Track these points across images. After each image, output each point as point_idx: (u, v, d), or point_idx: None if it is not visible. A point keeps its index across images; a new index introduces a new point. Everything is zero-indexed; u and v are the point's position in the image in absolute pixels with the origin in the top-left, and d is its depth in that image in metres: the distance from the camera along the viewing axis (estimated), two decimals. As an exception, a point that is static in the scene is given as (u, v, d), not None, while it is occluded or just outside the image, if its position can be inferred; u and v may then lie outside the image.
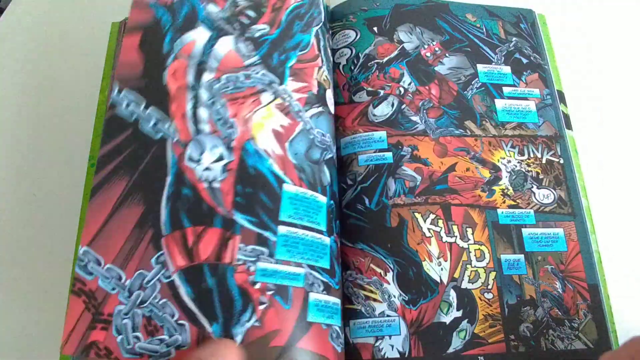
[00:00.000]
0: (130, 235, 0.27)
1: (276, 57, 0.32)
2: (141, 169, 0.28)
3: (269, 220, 0.28)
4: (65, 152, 0.39)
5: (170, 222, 0.27)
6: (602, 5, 0.47)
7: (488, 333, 0.33)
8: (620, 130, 0.41)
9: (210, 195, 0.28)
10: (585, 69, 0.44)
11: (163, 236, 0.27)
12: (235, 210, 0.28)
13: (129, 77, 0.29)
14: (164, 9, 0.31)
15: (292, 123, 0.31)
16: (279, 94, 0.31)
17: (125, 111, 0.29)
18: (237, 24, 0.32)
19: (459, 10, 0.43)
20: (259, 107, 0.30)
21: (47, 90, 0.42)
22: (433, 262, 0.34)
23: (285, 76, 0.32)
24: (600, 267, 0.35)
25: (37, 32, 0.44)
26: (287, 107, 0.31)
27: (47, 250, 0.36)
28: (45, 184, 0.38)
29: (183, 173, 0.28)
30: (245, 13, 0.32)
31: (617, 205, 0.38)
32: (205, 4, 0.32)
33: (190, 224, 0.27)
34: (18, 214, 0.37)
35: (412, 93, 0.39)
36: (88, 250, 0.27)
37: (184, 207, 0.28)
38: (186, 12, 0.31)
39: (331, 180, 0.33)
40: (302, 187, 0.30)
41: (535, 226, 0.36)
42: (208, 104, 0.29)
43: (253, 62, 0.31)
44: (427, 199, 0.36)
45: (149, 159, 0.28)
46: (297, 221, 0.29)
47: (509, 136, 0.38)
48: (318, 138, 0.32)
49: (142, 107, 0.29)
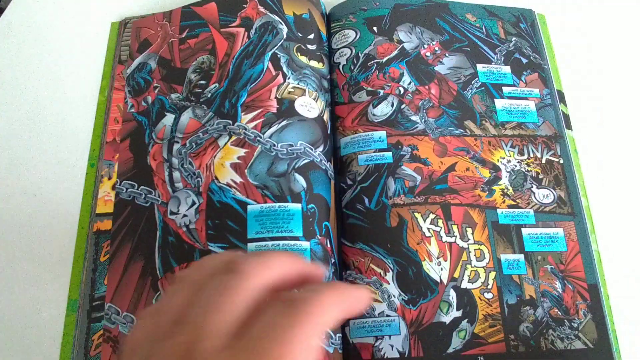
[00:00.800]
0: (137, 286, 0.34)
1: (227, 103, 0.38)
2: (139, 233, 0.35)
3: (237, 241, 0.34)
4: (65, 152, 0.39)
5: (162, 267, 0.34)
6: (602, 5, 0.47)
7: (488, 333, 0.33)
8: (620, 130, 0.41)
9: (189, 236, 0.35)
10: (585, 69, 0.43)
11: (159, 279, 0.34)
12: (209, 241, 0.34)
13: (125, 171, 0.37)
14: (142, 115, 0.39)
15: (250, 151, 0.36)
16: (234, 131, 0.37)
17: (125, 194, 0.37)
18: (193, 96, 0.39)
19: (459, 10, 0.43)
20: (217, 152, 0.37)
21: (47, 90, 0.42)
22: (433, 262, 0.34)
23: (238, 114, 0.38)
24: (600, 267, 0.35)
25: (37, 32, 0.44)
26: (242, 140, 0.37)
27: (47, 250, 0.36)
28: (45, 184, 0.38)
29: (168, 225, 0.35)
30: (198, 84, 0.39)
31: (617, 205, 0.38)
32: (169, 95, 0.39)
33: (176, 263, 0.34)
34: (18, 214, 0.37)
35: (411, 93, 0.39)
36: (111, 305, 0.33)
37: (171, 251, 0.34)
38: (157, 109, 0.39)
39: (310, 185, 0.35)
40: (267, 202, 0.34)
41: (535, 226, 0.36)
42: (179, 167, 0.37)
43: (208, 118, 0.38)
44: (427, 198, 0.36)
45: (143, 223, 0.35)
46: (266, 235, 0.34)
47: (509, 136, 0.38)
48: (283, 151, 0.36)
49: (135, 188, 0.37)
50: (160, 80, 0.40)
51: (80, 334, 0.33)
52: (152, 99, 0.39)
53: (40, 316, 0.34)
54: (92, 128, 0.40)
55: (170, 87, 0.40)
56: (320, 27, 0.42)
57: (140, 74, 0.41)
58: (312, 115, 0.37)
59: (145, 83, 0.40)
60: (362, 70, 0.40)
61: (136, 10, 0.45)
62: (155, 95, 0.39)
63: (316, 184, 0.35)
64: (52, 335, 0.33)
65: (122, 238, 0.35)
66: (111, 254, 0.35)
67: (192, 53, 0.41)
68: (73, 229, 0.36)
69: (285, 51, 0.40)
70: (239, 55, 0.40)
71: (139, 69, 0.41)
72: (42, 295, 0.35)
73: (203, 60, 0.40)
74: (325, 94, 0.39)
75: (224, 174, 0.36)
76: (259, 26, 0.41)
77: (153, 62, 0.41)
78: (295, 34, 0.40)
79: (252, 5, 0.42)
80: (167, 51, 0.41)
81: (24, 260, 0.36)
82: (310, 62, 0.40)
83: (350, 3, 0.43)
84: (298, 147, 0.36)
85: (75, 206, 0.37)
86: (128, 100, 0.40)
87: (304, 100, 0.38)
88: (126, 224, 0.36)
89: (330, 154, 0.37)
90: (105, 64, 0.42)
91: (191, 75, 0.40)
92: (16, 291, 0.35)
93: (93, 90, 0.42)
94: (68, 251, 0.36)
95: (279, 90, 0.38)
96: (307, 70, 0.39)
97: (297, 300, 0.20)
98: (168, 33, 0.42)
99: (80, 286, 0.34)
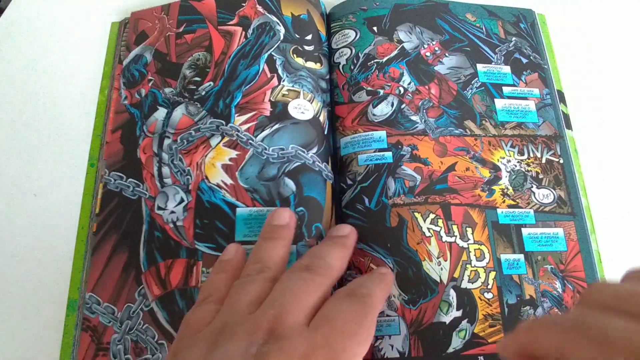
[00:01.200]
0: (119, 277, 0.34)
1: (221, 103, 0.38)
2: (125, 225, 0.35)
3: (225, 243, 0.34)
4: (65, 152, 0.39)
5: (147, 261, 0.34)
6: (603, 5, 0.47)
7: (488, 333, 0.33)
8: (620, 131, 0.41)
9: (176, 233, 0.34)
10: (586, 69, 0.43)
11: (143, 273, 0.34)
12: (197, 240, 0.34)
13: (114, 162, 0.37)
14: (134, 107, 0.39)
15: (241, 153, 0.36)
16: (226, 132, 0.37)
17: (113, 185, 0.36)
18: (186, 92, 0.39)
19: (459, 9, 0.43)
20: (209, 151, 0.36)
21: (47, 90, 0.42)
22: (433, 262, 0.34)
23: (232, 115, 0.37)
24: (600, 267, 0.35)
25: (37, 31, 0.44)
26: (235, 142, 0.37)
27: (47, 250, 0.36)
28: (45, 184, 0.38)
29: (154, 220, 0.35)
30: (192, 81, 0.39)
31: (617, 205, 0.38)
32: (162, 89, 0.39)
33: (162, 259, 0.34)
34: (18, 214, 0.37)
35: (411, 93, 0.39)
36: (92, 294, 0.33)
37: (157, 247, 0.34)
38: (149, 102, 0.39)
39: (300, 188, 0.35)
40: (255, 206, 0.35)
41: (535, 226, 0.36)
42: (168, 162, 0.36)
43: (201, 117, 0.38)
44: (427, 198, 0.36)
45: (129, 216, 0.35)
46: (253, 238, 0.34)
47: (509, 136, 0.38)
48: (274, 155, 0.36)
49: (124, 180, 0.36)
50: (154, 74, 0.40)
51: (80, 334, 0.33)
52: (145, 92, 0.39)
53: (40, 316, 0.34)
54: (92, 128, 0.40)
55: (165, 81, 0.39)
56: (319, 27, 0.42)
57: (135, 66, 0.40)
58: (306, 117, 0.37)
59: (140, 75, 0.40)
60: (362, 70, 0.40)
61: (137, 10, 0.45)
62: (149, 88, 0.39)
63: (307, 186, 0.35)
64: (53, 335, 0.33)
65: (108, 229, 0.35)
66: (95, 244, 0.35)
67: (189, 48, 0.41)
68: (73, 229, 0.36)
69: (282, 53, 0.40)
70: (235, 55, 0.40)
71: (135, 61, 0.41)
72: (42, 295, 0.35)
73: (199, 56, 0.40)
74: (323, 95, 0.39)
75: (214, 174, 0.36)
76: (256, 26, 0.41)
77: (149, 54, 0.41)
78: (292, 35, 0.40)
79: (250, 4, 0.42)
80: (163, 45, 0.41)
81: (24, 260, 0.36)
82: (307, 64, 0.40)
83: (350, 3, 0.43)
84: (289, 151, 0.36)
85: (75, 206, 0.37)
86: (122, 91, 0.40)
87: (298, 102, 0.38)
88: (112, 215, 0.35)
89: (327, 154, 0.37)
90: (105, 63, 0.42)
91: (186, 71, 0.40)
92: (16, 291, 0.35)
93: (93, 90, 0.42)
94: (68, 251, 0.36)
95: (273, 93, 0.38)
96: (303, 72, 0.39)
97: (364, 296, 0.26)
98: (165, 26, 0.42)
99: (80, 286, 0.34)
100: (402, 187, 0.36)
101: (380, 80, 0.39)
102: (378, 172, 0.36)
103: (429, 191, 0.36)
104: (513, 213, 0.36)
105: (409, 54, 0.41)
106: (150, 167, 0.36)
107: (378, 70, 0.40)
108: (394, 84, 0.39)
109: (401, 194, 0.36)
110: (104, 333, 0.32)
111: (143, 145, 0.37)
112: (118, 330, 0.32)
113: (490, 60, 0.41)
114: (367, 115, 0.38)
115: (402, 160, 0.37)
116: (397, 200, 0.35)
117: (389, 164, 0.36)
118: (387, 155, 0.37)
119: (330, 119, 0.39)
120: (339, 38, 0.42)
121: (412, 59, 0.41)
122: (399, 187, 0.36)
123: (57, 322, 0.34)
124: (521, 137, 0.39)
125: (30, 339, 0.34)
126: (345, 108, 0.39)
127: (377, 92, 0.39)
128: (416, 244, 0.34)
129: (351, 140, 0.38)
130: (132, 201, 0.36)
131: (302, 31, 0.41)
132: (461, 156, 0.37)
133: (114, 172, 0.37)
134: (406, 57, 0.40)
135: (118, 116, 0.39)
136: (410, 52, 0.41)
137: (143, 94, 0.39)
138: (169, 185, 0.36)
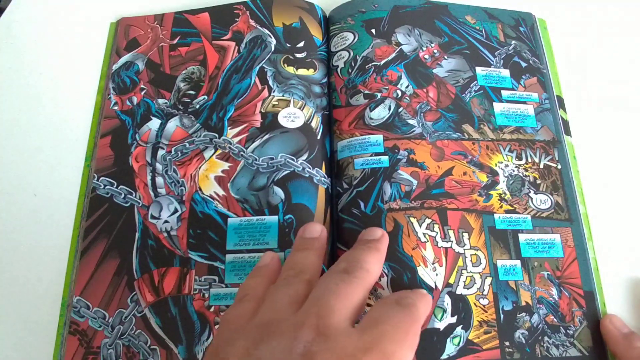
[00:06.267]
0: (110, 283, 0.34)
1: (215, 116, 0.38)
2: (116, 232, 0.35)
3: (217, 252, 0.34)
4: (64, 152, 0.39)
5: (140, 268, 0.34)
6: (604, 12, 0.46)
7: (483, 339, 0.32)
8: (619, 138, 0.41)
9: (169, 242, 0.35)
10: (586, 76, 0.43)
11: (135, 280, 0.34)
12: (190, 249, 0.35)
13: (104, 167, 0.38)
14: (126, 115, 0.39)
15: (233, 165, 0.37)
16: (219, 145, 0.38)
17: (103, 191, 0.37)
18: (181, 105, 0.39)
19: (458, 12, 0.43)
20: (202, 163, 0.37)
21: (47, 90, 0.42)
22: (428, 268, 0.34)
23: (225, 128, 0.38)
24: (597, 274, 0.35)
25: (36, 32, 0.44)
26: (227, 154, 0.37)
27: (47, 249, 0.36)
28: (45, 184, 0.38)
29: (147, 229, 0.35)
30: (187, 94, 0.39)
31: (615, 212, 0.38)
32: (156, 100, 0.39)
33: (155, 267, 0.34)
34: (18, 214, 0.37)
35: (409, 96, 0.39)
36: (80, 298, 0.34)
37: (150, 255, 0.35)
38: (142, 111, 0.39)
39: (289, 196, 0.36)
40: (246, 216, 0.35)
41: (532, 232, 0.35)
42: (162, 173, 0.37)
43: (195, 130, 0.38)
44: (423, 203, 0.35)
45: (121, 223, 0.36)
46: (243, 247, 0.34)
47: (507, 140, 0.38)
48: (263, 165, 0.36)
49: (115, 186, 0.37)
50: (147, 83, 0.40)
51: (67, 336, 0.33)
52: (137, 100, 0.40)
53: (39, 316, 0.34)
54: (89, 129, 0.40)
55: (158, 92, 0.40)
56: (313, 32, 0.41)
57: (126, 73, 0.41)
58: (296, 125, 0.38)
59: (132, 83, 0.40)
60: (360, 73, 0.40)
61: (135, 12, 0.45)
62: (141, 96, 0.40)
63: (296, 194, 0.35)
64: (48, 334, 0.34)
65: (97, 234, 0.35)
66: (84, 248, 0.35)
67: (183, 61, 0.41)
68: (69, 228, 0.37)
69: (272, 64, 0.40)
70: (228, 69, 0.40)
71: (126, 68, 0.41)
72: (42, 295, 0.35)
73: (193, 70, 0.40)
74: (316, 99, 0.39)
75: (207, 186, 0.36)
76: (248, 40, 0.41)
77: (141, 62, 0.41)
78: (283, 45, 0.41)
79: (243, 19, 0.42)
80: (156, 55, 0.41)
81: (23, 260, 0.36)
82: (299, 71, 0.40)
83: (349, 5, 0.43)
84: (278, 160, 0.37)
85: (73, 206, 0.37)
86: (112, 97, 0.40)
87: (288, 111, 0.38)
88: (102, 220, 0.36)
89: (321, 159, 0.37)
90: (103, 64, 0.42)
91: (180, 83, 0.40)
92: (15, 290, 0.35)
93: (91, 90, 0.42)
94: (64, 250, 0.36)
95: (264, 105, 0.38)
96: (294, 80, 0.39)
97: (410, 306, 0.26)
98: (158, 37, 0.42)
99: (70, 286, 0.34)
100: (399, 191, 0.36)
101: (377, 84, 0.39)
102: (374, 176, 0.36)
103: (425, 196, 0.36)
104: (510, 218, 0.36)
105: (407, 56, 0.40)
106: (144, 176, 0.37)
107: (376, 73, 0.39)
108: (391, 87, 0.39)
109: (397, 199, 0.35)
110: (93, 337, 0.33)
111: (135, 153, 0.38)
112: (109, 334, 0.33)
113: (490, 64, 0.41)
114: (364, 119, 0.38)
115: (398, 164, 0.36)
116: (393, 205, 0.35)
117: (386, 168, 0.36)
118: (384, 159, 0.36)
119: (328, 122, 0.39)
120: (337, 41, 0.42)
121: (411, 61, 0.40)
122: (395, 191, 0.36)
123: (53, 321, 0.34)
124: (519, 142, 0.38)
125: (27, 338, 0.34)
126: (342, 111, 0.39)
127: (375, 96, 0.39)
128: (411, 249, 0.34)
129: (348, 144, 0.37)
130: (124, 208, 0.36)
131: (294, 39, 0.41)
132: (459, 160, 0.37)
133: (104, 177, 0.37)
134: (404, 60, 0.40)
135: (107, 121, 0.39)
136: (408, 55, 0.40)
137: (135, 102, 0.39)
138: (163, 195, 0.36)
